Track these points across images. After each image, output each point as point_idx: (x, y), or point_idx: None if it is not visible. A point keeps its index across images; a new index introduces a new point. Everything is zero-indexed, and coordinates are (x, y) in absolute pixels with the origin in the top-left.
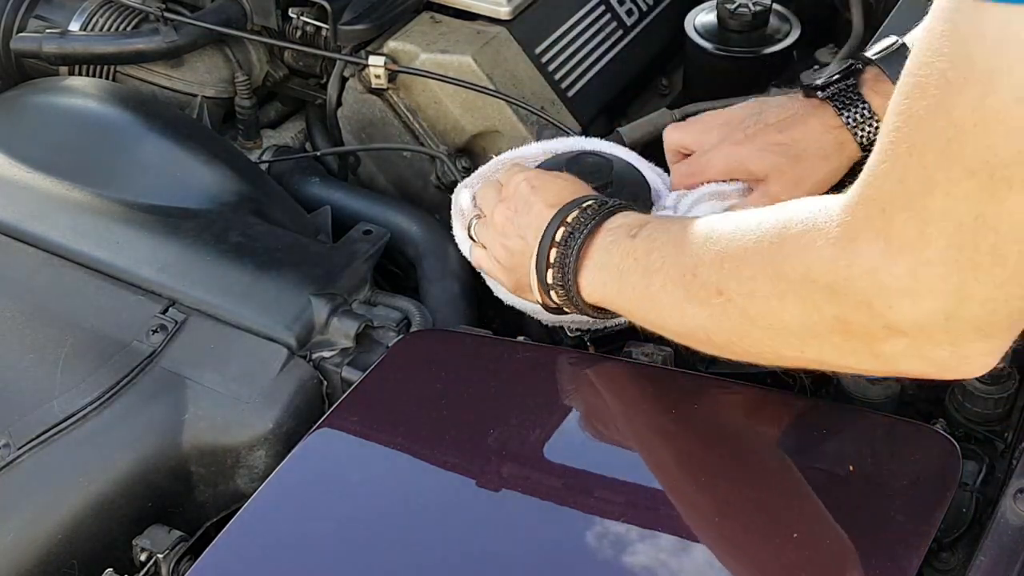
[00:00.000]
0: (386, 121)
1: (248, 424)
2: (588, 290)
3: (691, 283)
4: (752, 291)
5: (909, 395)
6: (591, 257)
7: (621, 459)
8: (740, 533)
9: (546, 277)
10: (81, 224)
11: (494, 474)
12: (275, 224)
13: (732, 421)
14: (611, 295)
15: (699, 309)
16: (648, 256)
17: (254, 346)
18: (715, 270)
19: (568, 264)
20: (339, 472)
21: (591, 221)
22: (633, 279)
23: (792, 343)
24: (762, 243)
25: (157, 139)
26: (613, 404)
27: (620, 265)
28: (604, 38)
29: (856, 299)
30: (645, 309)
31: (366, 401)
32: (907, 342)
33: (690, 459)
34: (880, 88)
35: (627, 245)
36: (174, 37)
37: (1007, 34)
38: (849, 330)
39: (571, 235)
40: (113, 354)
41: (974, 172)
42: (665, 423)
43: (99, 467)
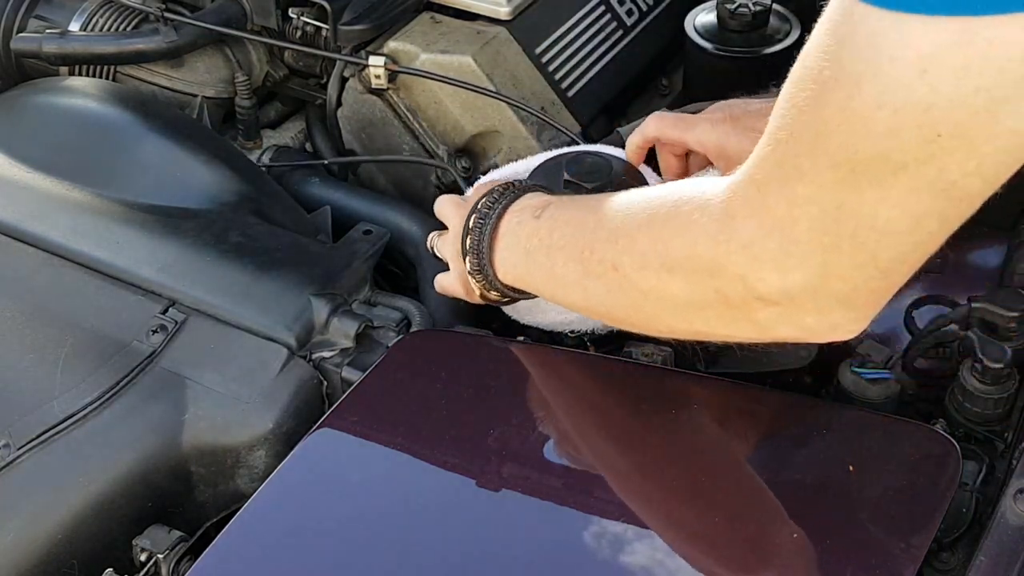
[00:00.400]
0: (386, 121)
1: (248, 424)
2: (502, 271)
3: (589, 259)
4: (643, 265)
5: (909, 395)
6: (500, 240)
7: (621, 459)
8: (740, 533)
9: (465, 265)
10: (81, 224)
11: (494, 474)
12: (275, 224)
13: (731, 421)
14: (522, 275)
15: (597, 284)
16: (551, 235)
17: (254, 346)
18: (610, 246)
19: (482, 249)
20: (339, 472)
21: (497, 204)
22: (539, 258)
23: (681, 315)
24: (654, 220)
25: (157, 139)
26: (613, 404)
27: (527, 245)
28: (604, 38)
29: (733, 272)
30: (552, 287)
31: (366, 401)
32: (779, 311)
33: (689, 459)
34: None
35: (532, 225)
36: (174, 37)
37: (875, 40)
38: (728, 301)
39: (480, 220)
40: (113, 354)
41: (837, 165)
42: (665, 423)
43: (99, 467)
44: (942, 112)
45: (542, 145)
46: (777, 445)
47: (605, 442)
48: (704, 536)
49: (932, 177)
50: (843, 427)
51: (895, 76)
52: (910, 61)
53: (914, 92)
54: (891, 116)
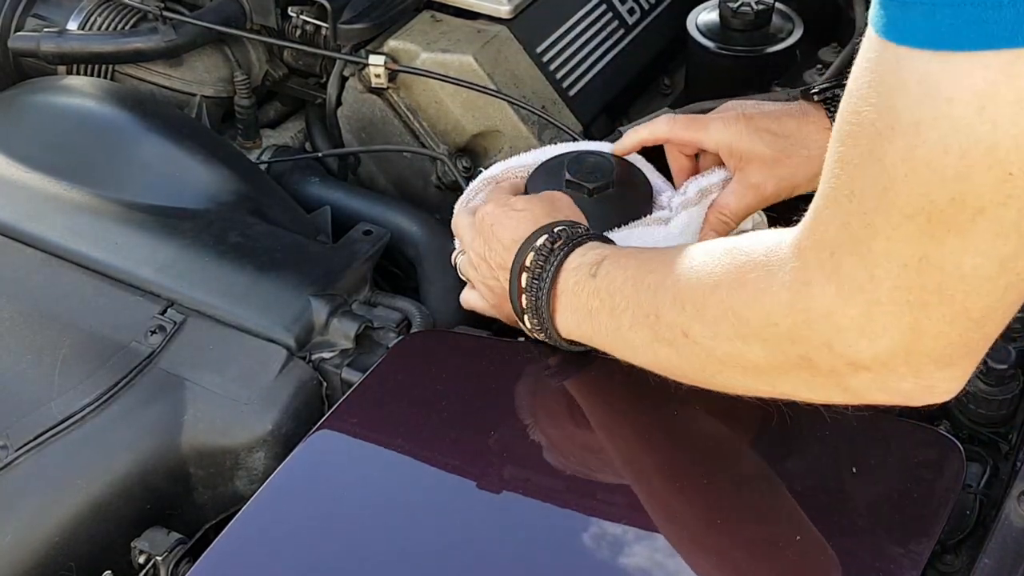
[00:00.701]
0: (386, 121)
1: (247, 426)
2: (566, 331)
3: (656, 324)
4: (716, 334)
5: None
6: (560, 300)
7: (623, 461)
8: (742, 536)
9: (524, 321)
10: (79, 224)
11: (495, 476)
12: (274, 224)
13: (735, 423)
14: (587, 335)
15: (668, 350)
16: (612, 297)
17: (253, 347)
18: (678, 312)
19: (542, 310)
20: (339, 474)
21: (549, 265)
22: (603, 319)
23: (763, 380)
24: (720, 287)
25: (156, 139)
26: (615, 405)
27: (588, 306)
28: (606, 37)
29: (816, 341)
30: (620, 348)
31: (366, 402)
32: (871, 376)
33: (691, 461)
34: None
35: (590, 285)
36: (173, 36)
37: (928, 82)
38: (814, 367)
39: (535, 281)
40: (111, 355)
41: (912, 217)
42: (667, 424)
43: (97, 469)
44: (1008, 150)
45: (543, 145)
46: (779, 446)
47: (607, 443)
48: (706, 538)
49: (1013, 218)
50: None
51: (955, 117)
52: (967, 100)
53: (976, 131)
54: (959, 160)
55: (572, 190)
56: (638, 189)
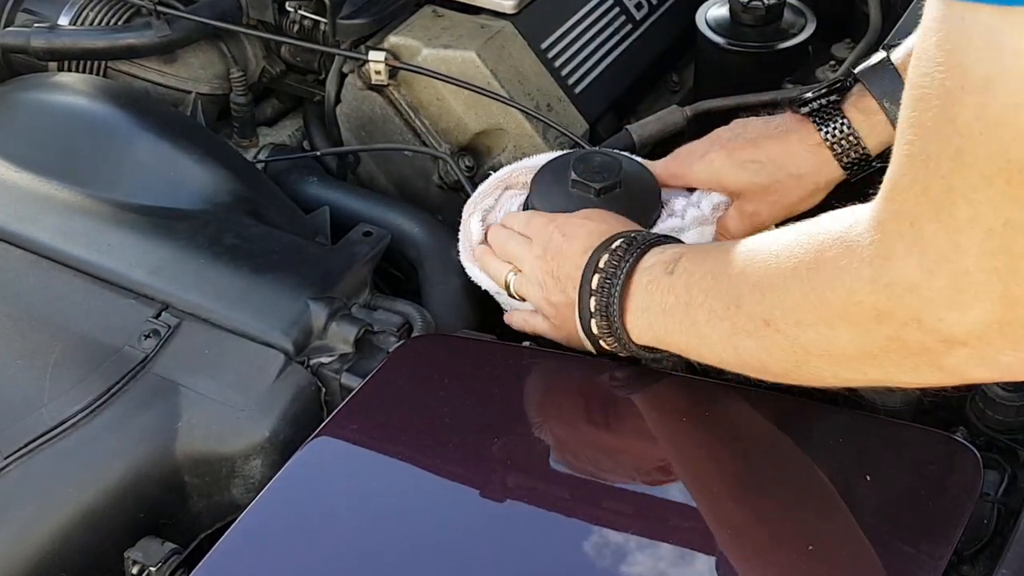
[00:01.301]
0: (386, 119)
1: (244, 432)
2: (637, 333)
3: (736, 316)
4: (799, 320)
5: (928, 402)
6: (633, 300)
7: (631, 468)
8: (753, 545)
9: (591, 327)
10: (70, 225)
11: (499, 485)
12: (272, 225)
13: (745, 429)
14: (660, 335)
15: (749, 341)
16: (688, 292)
17: (250, 352)
18: (757, 301)
19: (612, 311)
20: (338, 482)
21: (624, 263)
22: (678, 317)
23: (852, 367)
24: (799, 270)
25: (149, 137)
26: (623, 411)
27: (662, 304)
28: (612, 33)
29: (904, 317)
30: (696, 346)
31: (366, 408)
32: (968, 352)
33: (701, 468)
34: (861, 105)
35: (666, 283)
36: (167, 32)
37: (995, 39)
38: (906, 348)
39: (607, 281)
40: (104, 360)
41: (991, 178)
42: (676, 431)
43: (90, 477)
44: None
45: (548, 143)
46: (790, 453)
47: (615, 450)
48: (717, 547)
49: None
50: (859, 435)
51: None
52: None
53: None
54: None
55: (578, 190)
56: (646, 189)
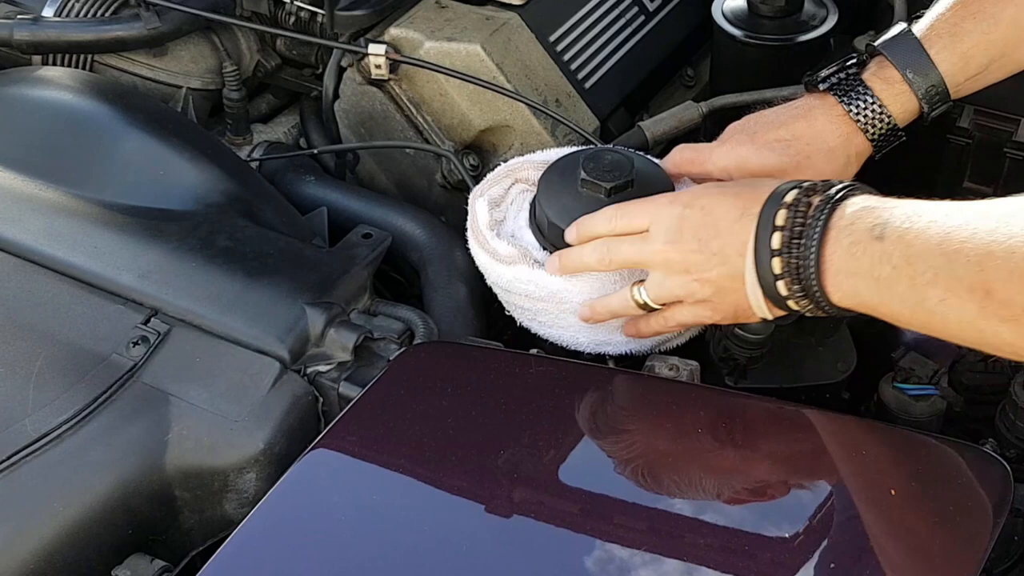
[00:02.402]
0: (387, 115)
1: (237, 444)
2: (839, 296)
3: (985, 301)
4: None
5: (956, 412)
6: (831, 262)
7: (644, 482)
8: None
9: (776, 289)
10: (55, 226)
11: (505, 500)
12: (266, 227)
13: (764, 441)
14: (872, 303)
15: (1001, 327)
16: (910, 265)
17: (244, 360)
18: (1017, 289)
19: (808, 272)
20: (336, 497)
21: (816, 221)
22: (899, 290)
23: None
24: None
25: (138, 134)
26: (635, 423)
27: (875, 272)
28: (624, 25)
29: None
30: (923, 321)
31: (365, 420)
32: None
33: (719, 482)
34: (884, 75)
35: (876, 249)
36: (156, 23)
37: None
38: None
39: (796, 240)
40: (90, 369)
41: None
42: (692, 444)
43: (75, 491)
44: None
45: (557, 141)
46: (812, 467)
47: (626, 464)
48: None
49: None
50: (884, 447)
51: None
52: None
53: None
54: None
55: (588, 189)
56: (660, 189)
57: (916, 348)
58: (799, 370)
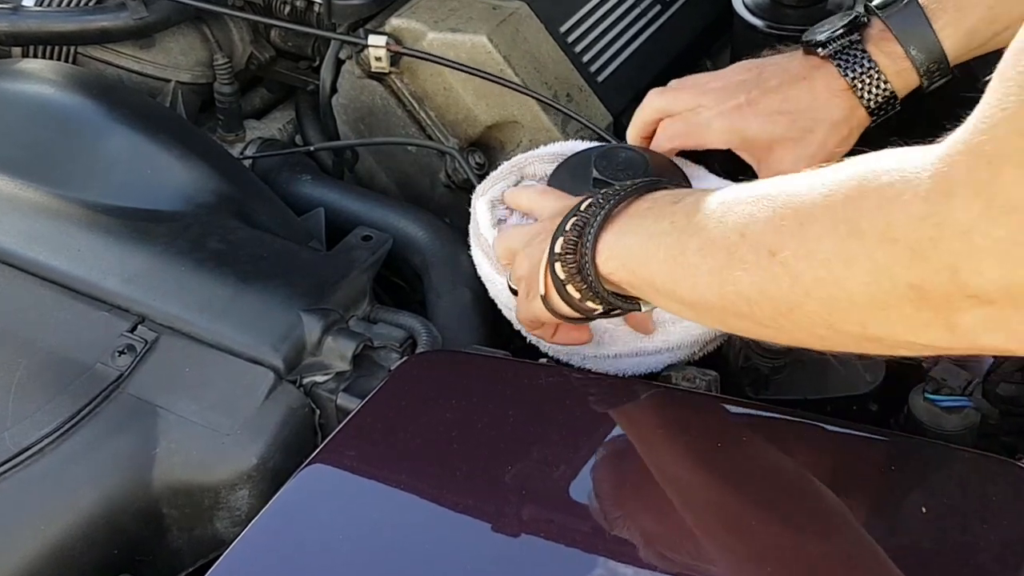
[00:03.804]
0: (388, 110)
1: (229, 459)
2: (604, 255)
3: (737, 244)
4: (812, 252)
5: (990, 426)
6: (619, 222)
7: (659, 499)
8: None
9: (555, 245)
10: (36, 228)
11: (513, 518)
12: (260, 228)
13: (786, 456)
14: (633, 263)
15: (743, 275)
16: (688, 218)
17: (236, 369)
18: (771, 229)
19: (589, 227)
20: (334, 515)
21: (631, 190)
22: (666, 242)
23: (853, 316)
24: (834, 197)
25: (124, 131)
26: (650, 436)
27: (652, 229)
28: (639, 15)
29: (939, 264)
30: (674, 278)
31: (365, 433)
32: (990, 313)
33: (738, 500)
34: (886, 47)
35: (667, 210)
36: (143, 13)
37: None
38: (924, 299)
39: (599, 202)
40: (73, 379)
41: None
42: (710, 458)
43: (57, 508)
44: None
45: (567, 138)
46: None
47: (640, 481)
48: None
49: None
50: (914, 462)
51: None
52: None
53: None
54: None
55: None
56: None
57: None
58: (824, 381)
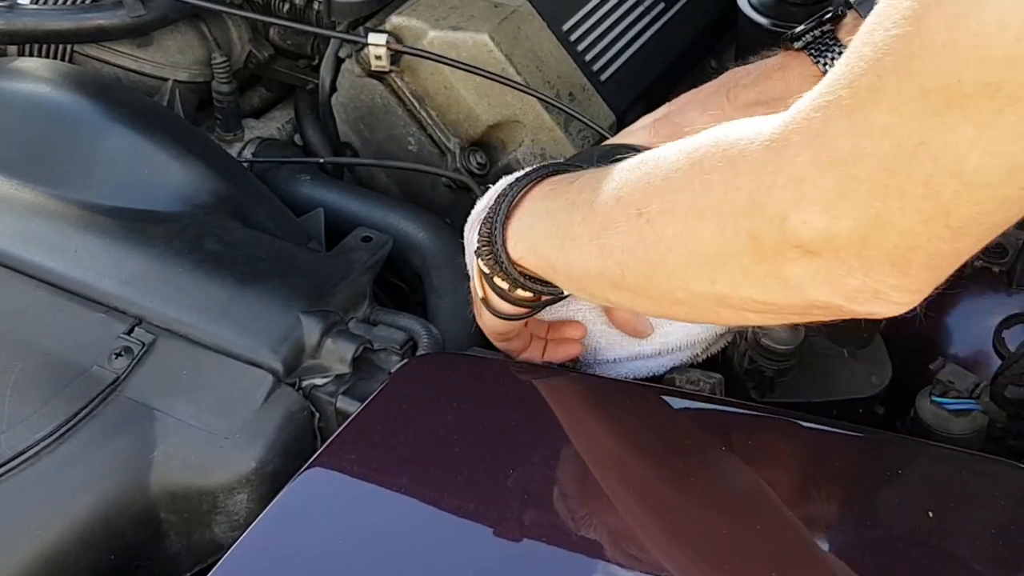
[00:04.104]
0: (388, 109)
1: (227, 463)
2: (512, 240)
3: (612, 208)
4: (672, 207)
5: (999, 429)
6: (524, 206)
7: (663, 504)
8: None
9: (474, 241)
10: (32, 229)
11: (514, 521)
12: (259, 229)
13: (792, 461)
14: (534, 243)
15: (615, 238)
16: (580, 193)
17: (234, 372)
18: (640, 190)
19: (498, 216)
20: (333, 519)
21: (535, 174)
22: (559, 219)
23: (705, 271)
24: (694, 155)
25: (121, 131)
26: (653, 440)
27: (549, 207)
28: (643, 12)
29: (773, 210)
30: (564, 253)
31: (365, 436)
32: (817, 265)
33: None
34: None
35: (563, 188)
36: (141, 11)
37: None
38: (760, 249)
39: (507, 190)
40: (70, 381)
41: (929, 93)
42: (715, 463)
43: (53, 513)
44: None
45: (571, 137)
46: (844, 489)
47: (644, 485)
48: None
49: None
50: (921, 466)
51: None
52: None
53: None
54: (1015, 41)
55: None
56: None
57: (956, 360)
58: (830, 383)
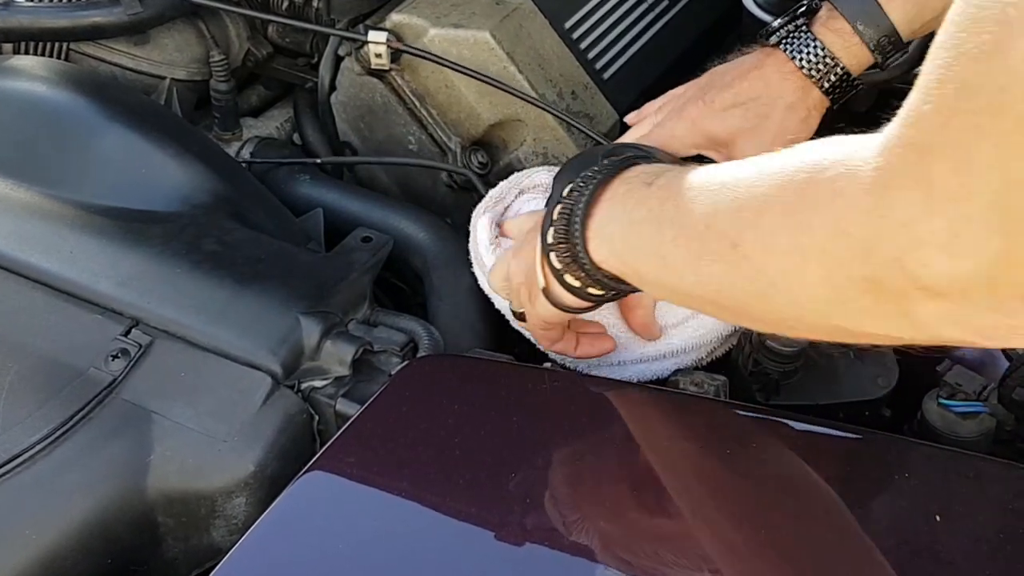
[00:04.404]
0: (388, 108)
1: (225, 466)
2: (595, 243)
3: (705, 235)
4: (771, 246)
5: (1007, 431)
6: (602, 207)
7: (668, 508)
8: None
9: (547, 236)
10: (27, 229)
11: (516, 525)
12: (258, 230)
13: (797, 463)
14: (621, 250)
15: (713, 266)
16: (662, 205)
17: (232, 374)
18: (732, 219)
19: (575, 215)
20: (333, 523)
21: (606, 171)
22: (646, 232)
23: (817, 308)
24: (786, 189)
25: (118, 129)
26: (658, 443)
27: (632, 215)
28: (646, 10)
29: (888, 255)
30: (657, 268)
31: (364, 439)
32: (946, 306)
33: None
34: (833, 25)
35: (642, 194)
36: (138, 9)
37: None
38: (881, 292)
39: (580, 186)
40: (66, 384)
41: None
42: (719, 466)
43: (49, 517)
44: None
45: (572, 137)
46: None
47: (647, 488)
48: None
49: None
50: (928, 469)
51: None
52: None
53: None
54: None
55: None
56: None
57: (963, 362)
58: (836, 385)
